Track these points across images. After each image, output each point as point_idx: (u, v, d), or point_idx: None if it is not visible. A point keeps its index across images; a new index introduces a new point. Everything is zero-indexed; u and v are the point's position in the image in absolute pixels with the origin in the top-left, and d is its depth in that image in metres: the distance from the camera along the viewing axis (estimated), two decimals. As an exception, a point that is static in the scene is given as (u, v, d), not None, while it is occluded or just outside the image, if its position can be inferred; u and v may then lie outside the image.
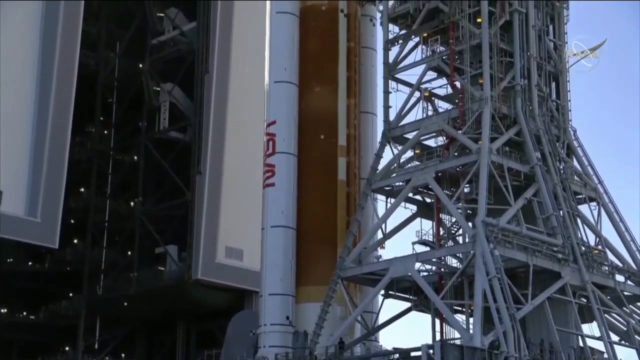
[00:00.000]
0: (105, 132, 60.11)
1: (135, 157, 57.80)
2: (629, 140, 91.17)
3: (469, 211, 34.58)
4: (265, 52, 38.90)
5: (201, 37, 54.62)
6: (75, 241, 58.01)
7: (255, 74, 47.72)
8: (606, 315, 34.37)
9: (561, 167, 36.39)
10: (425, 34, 37.09)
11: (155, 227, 54.49)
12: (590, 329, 34.03)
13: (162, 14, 57.78)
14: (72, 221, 56.57)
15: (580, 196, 36.73)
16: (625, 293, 35.69)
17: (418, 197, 36.52)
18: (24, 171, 50.04)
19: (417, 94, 36.80)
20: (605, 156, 74.80)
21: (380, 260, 35.96)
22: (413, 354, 30.59)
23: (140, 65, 57.60)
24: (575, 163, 37.49)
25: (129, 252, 56.60)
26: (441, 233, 35.14)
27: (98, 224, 57.52)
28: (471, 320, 33.15)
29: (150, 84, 56.51)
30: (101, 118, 60.11)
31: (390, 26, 37.85)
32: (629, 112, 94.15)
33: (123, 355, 58.58)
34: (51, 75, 50.87)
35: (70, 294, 57.62)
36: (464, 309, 34.53)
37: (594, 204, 36.92)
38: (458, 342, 31.79)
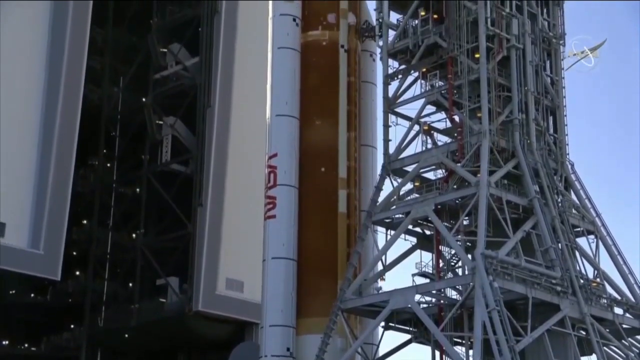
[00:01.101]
0: (108, 164, 60.65)
1: (138, 190, 58.28)
2: (625, 173, 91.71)
3: (468, 243, 34.86)
4: (267, 86, 39.50)
5: (203, 72, 55.39)
6: (77, 273, 58.24)
7: (256, 107, 48.34)
8: (605, 348, 34.46)
9: (559, 200, 36.73)
10: (424, 69, 37.68)
11: (157, 258, 54.78)
12: (590, 361, 34.20)
13: (165, 50, 58.62)
14: (75, 253, 56.88)
15: (578, 229, 37.01)
16: (624, 326, 35.82)
17: (418, 229, 36.82)
18: (27, 203, 50.44)
19: (416, 127, 37.28)
20: (603, 189, 75.24)
21: (380, 292, 36.13)
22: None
23: (144, 100, 58.31)
24: (573, 196, 37.84)
25: (130, 284, 56.81)
26: (441, 265, 35.39)
27: (100, 256, 57.81)
28: (471, 352, 33.32)
29: (153, 118, 57.17)
30: (104, 151, 60.69)
31: (390, 61, 38.46)
32: (628, 146, 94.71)
33: (124, 387, 58.51)
34: (55, 110, 51.49)
35: (72, 326, 57.68)
36: (463, 341, 34.65)
37: (592, 236, 37.13)
38: (458, 374, 31.96)
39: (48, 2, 51.99)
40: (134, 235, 57.66)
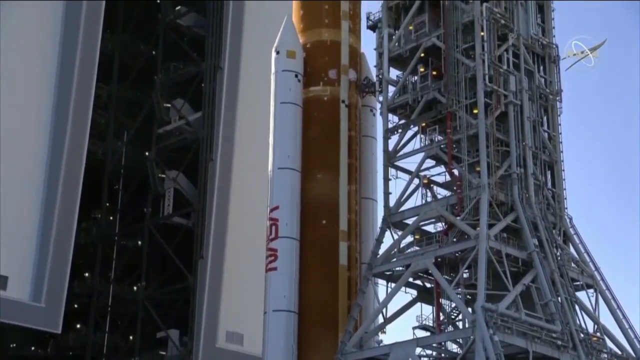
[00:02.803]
0: (111, 217, 60.95)
1: (139, 242, 58.50)
2: (624, 226, 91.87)
3: (468, 296, 35.05)
4: (268, 139, 40.12)
5: (206, 126, 56.13)
6: (78, 326, 58.06)
7: (257, 161, 48.90)
8: (606, 402, 34.45)
9: (558, 253, 36.97)
10: (423, 124, 38.36)
11: (158, 311, 54.74)
12: (590, 416, 34.02)
13: (169, 105, 59.47)
14: (76, 306, 56.80)
15: (578, 283, 37.17)
16: (625, 380, 35.84)
17: (418, 282, 37.02)
18: (30, 257, 50.60)
19: (416, 180, 37.79)
20: (601, 243, 75.35)
21: (381, 345, 36.15)
22: None
23: (147, 154, 58.94)
24: (572, 250, 38.10)
25: (131, 337, 56.63)
26: (441, 318, 35.52)
27: (101, 308, 57.71)
28: (472, 405, 33.20)
29: (155, 172, 57.71)
30: (107, 204, 61.07)
31: (390, 116, 39.17)
32: (627, 201, 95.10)
33: None
34: (60, 163, 52.00)
35: (73, 379, 57.30)
36: (464, 395, 34.59)
37: (591, 290, 37.33)
38: None
39: (54, 58, 52.95)
40: (135, 287, 57.68)
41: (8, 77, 50.08)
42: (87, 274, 59.07)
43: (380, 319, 36.44)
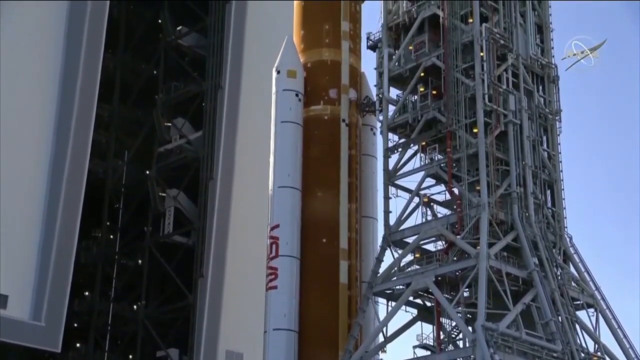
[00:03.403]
0: (111, 236, 60.94)
1: (140, 261, 58.46)
2: (625, 244, 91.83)
3: (468, 315, 35.06)
4: (269, 158, 40.28)
5: (206, 145, 56.22)
6: (78, 345, 57.85)
7: (257, 179, 49.00)
8: (607, 422, 34.35)
9: (558, 273, 37.04)
10: (423, 143, 38.56)
11: (158, 330, 54.56)
12: None
13: (170, 124, 59.64)
14: (75, 325, 56.64)
15: (578, 302, 37.21)
16: (626, 400, 35.75)
17: (418, 301, 37.06)
18: (30, 275, 50.50)
19: (416, 199, 37.96)
20: (602, 261, 75.18)
21: (381, 364, 36.27)
22: None
23: (147, 172, 59.04)
24: (572, 269, 38.16)
25: (131, 356, 56.43)
26: (442, 337, 35.51)
27: (101, 327, 57.57)
28: None
29: (156, 190, 57.70)
30: (107, 223, 61.07)
31: (390, 135, 39.42)
32: (627, 220, 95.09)
33: None
34: (61, 183, 52.01)
35: (72, 399, 57.00)
36: (465, 414, 34.53)
37: (591, 310, 37.37)
38: None
39: (56, 79, 53.15)
40: (135, 306, 57.56)
41: (11, 97, 50.23)
42: (87, 293, 58.96)
43: (381, 338, 36.45)
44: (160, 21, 60.85)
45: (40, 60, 52.68)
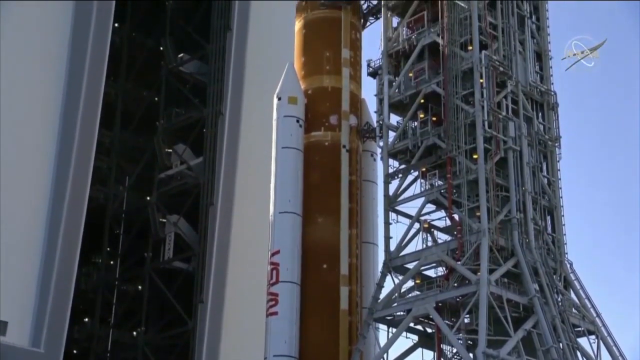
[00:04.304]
0: (112, 262, 60.88)
1: (140, 287, 58.35)
2: (625, 271, 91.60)
3: (469, 342, 35.00)
4: (269, 184, 40.40)
5: (207, 171, 56.32)
6: (77, 372, 57.68)
7: (258, 205, 49.07)
8: None
9: (559, 299, 37.02)
10: (423, 169, 38.73)
11: (157, 356, 54.28)
12: None
13: (170, 150, 59.84)
14: (75, 351, 56.43)
15: (579, 329, 37.15)
16: None
17: (419, 327, 36.99)
18: (30, 302, 50.40)
19: (416, 225, 38.03)
20: (602, 288, 75.04)
21: (382, 390, 36.08)
22: None
23: (148, 198, 59.13)
24: (573, 296, 38.13)
25: (130, 382, 56.18)
26: (442, 364, 35.46)
27: (100, 353, 57.33)
28: None
29: (156, 216, 57.76)
30: (108, 249, 61.06)
31: (390, 161, 39.58)
32: (627, 246, 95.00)
33: None
34: (62, 210, 52.09)
35: None
36: None
37: (593, 337, 37.30)
38: None
39: (58, 106, 53.39)
40: (134, 332, 57.36)
41: (12, 125, 50.43)
42: (86, 319, 58.81)
43: (381, 365, 36.32)
44: (161, 48, 61.32)
45: (43, 87, 53.01)
